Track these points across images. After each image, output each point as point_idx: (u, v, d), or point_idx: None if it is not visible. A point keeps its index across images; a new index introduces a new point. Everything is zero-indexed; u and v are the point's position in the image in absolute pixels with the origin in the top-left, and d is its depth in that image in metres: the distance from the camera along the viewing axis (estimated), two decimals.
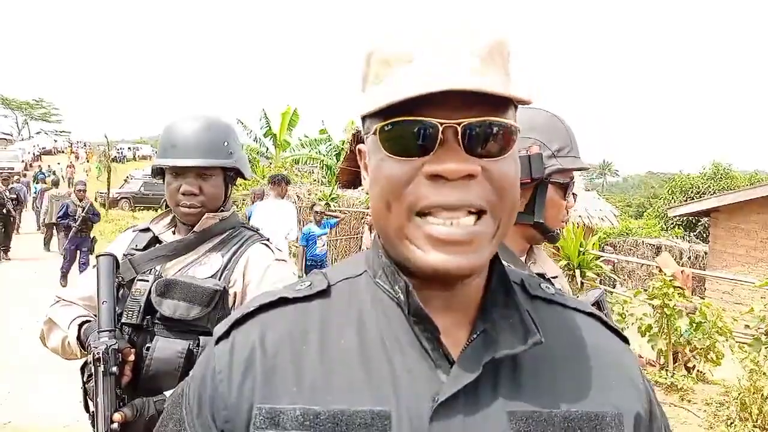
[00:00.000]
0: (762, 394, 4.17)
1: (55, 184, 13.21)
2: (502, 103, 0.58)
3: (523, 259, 1.38)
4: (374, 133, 0.60)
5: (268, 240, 1.65)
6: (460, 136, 0.55)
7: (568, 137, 1.30)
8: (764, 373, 4.31)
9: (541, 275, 1.37)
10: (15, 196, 12.16)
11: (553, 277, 1.40)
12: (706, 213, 11.27)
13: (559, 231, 1.36)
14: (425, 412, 0.57)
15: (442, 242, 0.57)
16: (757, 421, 4.12)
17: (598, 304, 1.30)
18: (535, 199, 1.28)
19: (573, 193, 1.37)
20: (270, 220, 6.26)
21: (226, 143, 1.58)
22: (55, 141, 50.98)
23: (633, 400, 0.65)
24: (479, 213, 0.58)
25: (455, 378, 0.58)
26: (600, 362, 0.65)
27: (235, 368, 0.61)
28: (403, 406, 0.57)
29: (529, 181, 1.23)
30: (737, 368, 4.62)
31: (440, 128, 0.55)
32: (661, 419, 0.68)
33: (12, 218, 11.77)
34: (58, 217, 9.02)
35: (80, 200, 8.91)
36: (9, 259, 11.29)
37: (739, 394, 4.37)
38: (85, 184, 9.39)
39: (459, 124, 0.55)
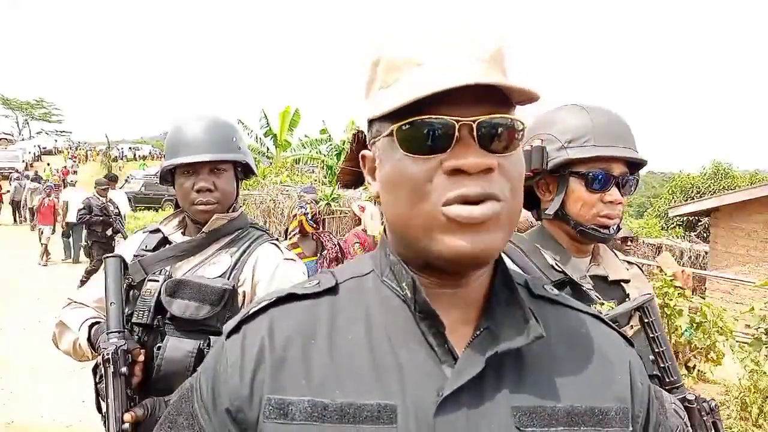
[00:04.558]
0: (762, 394, 4.18)
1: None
2: (507, 102, 0.60)
3: (586, 259, 1.28)
4: (389, 135, 0.61)
5: (276, 239, 1.66)
6: (475, 133, 0.58)
7: (590, 127, 1.20)
8: (765, 373, 4.31)
9: (603, 278, 1.26)
10: (117, 211, 8.48)
11: (623, 281, 1.28)
12: (707, 213, 11.24)
13: (594, 228, 1.21)
14: (430, 406, 0.58)
15: (461, 227, 0.58)
16: (757, 421, 4.14)
17: (643, 309, 1.10)
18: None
19: (617, 185, 1.21)
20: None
21: (234, 139, 1.61)
22: (56, 141, 50.91)
23: (633, 399, 0.66)
24: None
25: (459, 373, 0.59)
26: (603, 360, 0.67)
27: (246, 361, 0.63)
28: (408, 400, 0.59)
29: (530, 174, 1.17)
30: (738, 368, 4.63)
31: (456, 126, 0.57)
32: (662, 422, 0.70)
33: (117, 238, 8.15)
34: None
35: None
36: None
37: (739, 393, 4.38)
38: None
39: (474, 121, 0.57)
